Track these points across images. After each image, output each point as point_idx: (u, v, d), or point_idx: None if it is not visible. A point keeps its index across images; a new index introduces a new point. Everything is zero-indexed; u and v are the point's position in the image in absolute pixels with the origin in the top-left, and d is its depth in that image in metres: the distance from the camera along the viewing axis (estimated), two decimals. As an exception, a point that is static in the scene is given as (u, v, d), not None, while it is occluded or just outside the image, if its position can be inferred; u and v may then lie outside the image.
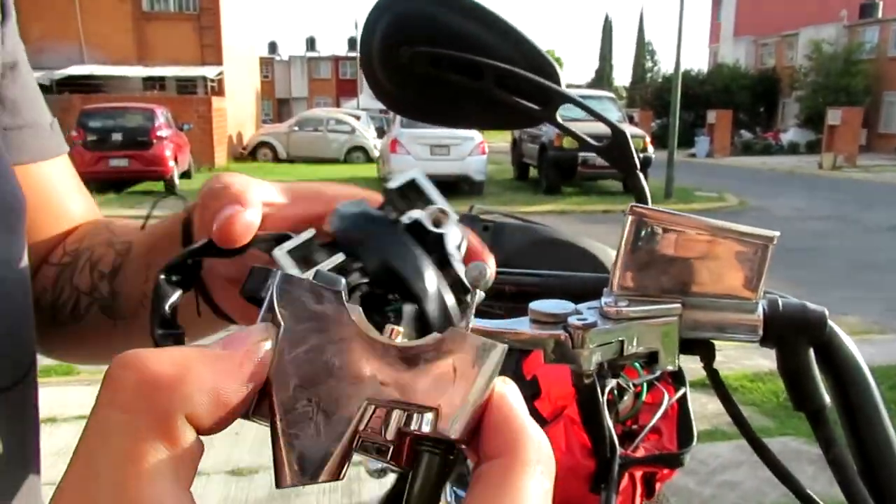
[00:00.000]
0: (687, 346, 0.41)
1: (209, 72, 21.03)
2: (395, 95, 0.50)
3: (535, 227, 1.41)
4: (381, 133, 21.10)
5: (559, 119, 0.48)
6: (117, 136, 13.59)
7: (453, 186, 13.51)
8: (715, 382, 0.43)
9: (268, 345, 0.23)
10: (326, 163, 20.79)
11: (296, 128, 22.50)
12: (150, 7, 21.58)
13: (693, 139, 28.06)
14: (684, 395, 1.19)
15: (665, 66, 61.61)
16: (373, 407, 0.22)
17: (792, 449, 3.18)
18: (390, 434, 0.22)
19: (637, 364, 1.06)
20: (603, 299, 0.39)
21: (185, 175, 15.59)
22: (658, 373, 1.16)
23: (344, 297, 0.24)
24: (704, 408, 3.04)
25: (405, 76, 0.48)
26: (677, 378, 1.20)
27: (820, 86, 30.90)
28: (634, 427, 1.19)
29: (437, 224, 0.30)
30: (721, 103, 30.77)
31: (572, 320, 0.37)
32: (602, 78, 64.95)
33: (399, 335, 0.24)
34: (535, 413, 1.18)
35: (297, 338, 0.23)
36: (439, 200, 0.31)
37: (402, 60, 0.47)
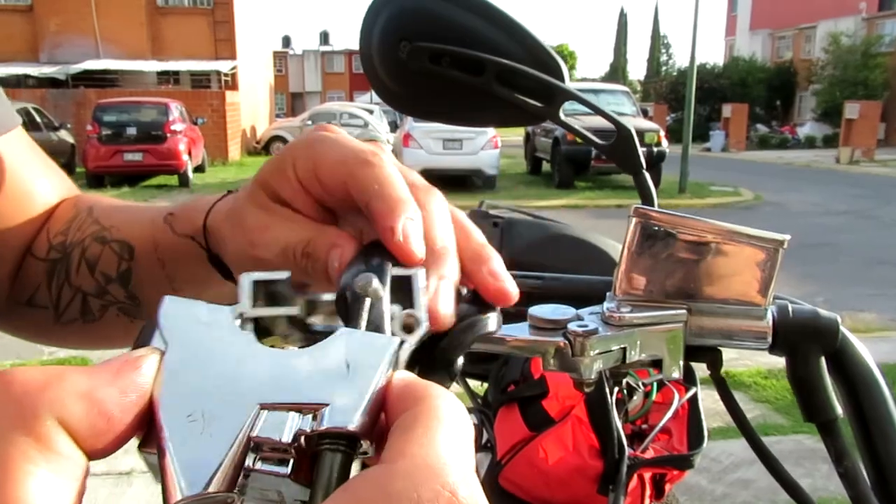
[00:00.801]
0: (693, 353, 0.39)
1: (223, 66, 21.09)
2: (395, 92, 0.49)
3: (546, 224, 1.40)
4: (393, 127, 21.10)
5: (563, 116, 0.46)
6: (131, 131, 13.66)
7: (465, 181, 13.50)
8: (722, 391, 0.42)
9: (151, 360, 0.22)
10: (339, 157, 20.76)
11: (309, 122, 22.52)
12: (165, 2, 21.66)
13: (708, 133, 27.81)
14: (695, 395, 1.17)
15: (680, 59, 61.27)
16: (265, 411, 0.21)
17: (806, 447, 3.15)
18: (287, 437, 0.21)
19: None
20: (605, 304, 0.38)
21: (199, 169, 15.67)
22: (668, 372, 1.14)
23: (234, 318, 0.24)
24: (717, 404, 3.01)
25: (405, 72, 0.47)
26: (688, 377, 1.19)
27: (837, 79, 30.52)
28: (644, 427, 1.18)
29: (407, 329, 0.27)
30: (737, 97, 30.49)
31: (572, 327, 0.36)
32: (617, 71, 64.55)
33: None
34: (542, 412, 1.17)
35: (185, 356, 0.22)
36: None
37: (401, 56, 0.46)
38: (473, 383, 1.43)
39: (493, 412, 1.27)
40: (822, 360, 0.39)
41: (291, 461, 0.21)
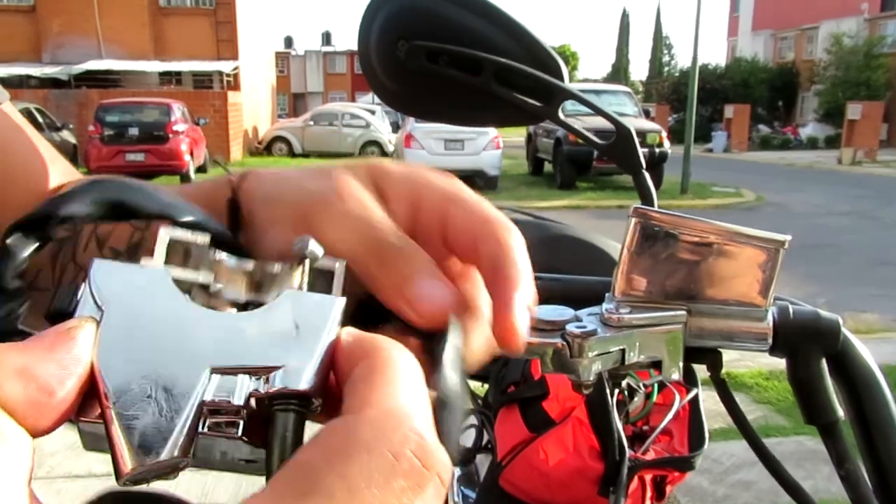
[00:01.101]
0: (693, 355, 0.39)
1: (225, 66, 21.11)
2: (393, 91, 0.49)
3: (546, 224, 1.39)
4: (395, 127, 21.11)
5: (562, 116, 0.46)
6: (134, 131, 13.70)
7: (468, 181, 13.41)
8: (722, 393, 0.42)
9: (86, 330, 0.21)
10: (341, 157, 20.84)
11: (311, 122, 22.55)
12: (167, 2, 21.68)
13: (710, 134, 27.79)
14: (696, 396, 1.17)
15: (682, 60, 61.31)
16: (217, 375, 0.21)
17: (808, 449, 3.14)
18: (239, 399, 0.21)
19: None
20: (604, 305, 0.37)
21: (201, 169, 15.68)
22: (669, 373, 1.14)
23: (170, 280, 0.23)
24: (718, 405, 3.00)
25: (403, 71, 0.46)
26: (689, 379, 1.18)
27: (840, 80, 30.48)
28: (645, 428, 1.17)
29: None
30: (739, 98, 30.47)
31: (571, 328, 0.35)
32: (619, 72, 64.53)
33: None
34: (543, 414, 1.17)
35: (124, 322, 0.21)
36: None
37: (399, 55, 0.46)
38: (474, 384, 1.43)
39: (494, 413, 1.26)
40: (823, 361, 0.38)
41: (242, 423, 0.21)
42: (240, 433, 0.21)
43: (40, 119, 14.44)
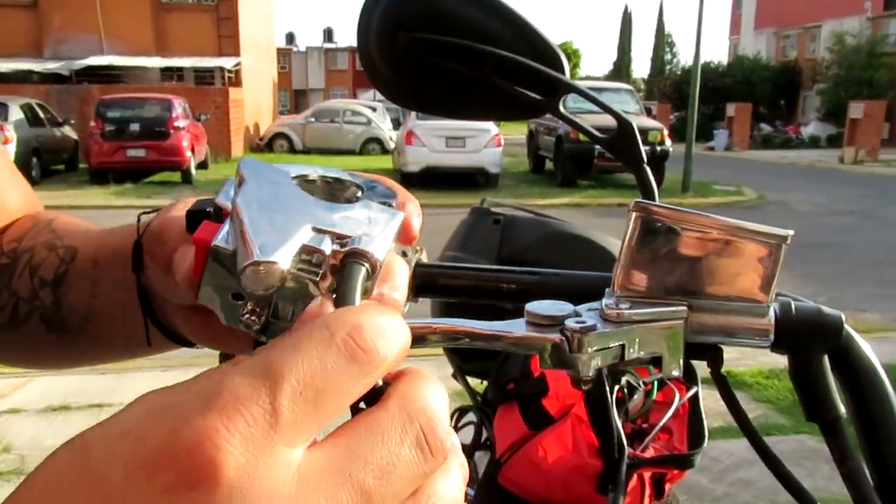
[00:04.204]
0: (693, 351, 0.39)
1: (227, 63, 21.08)
2: (392, 84, 0.48)
3: (546, 221, 1.39)
4: (396, 124, 21.09)
5: (563, 110, 0.45)
6: (135, 127, 13.67)
7: (468, 178, 13.49)
8: (723, 389, 0.41)
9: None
10: (342, 154, 20.82)
11: (312, 119, 22.54)
12: (169, -2, 21.66)
13: (712, 132, 27.75)
14: (696, 394, 1.16)
15: (684, 58, 61.26)
16: (314, 232, 0.29)
17: (808, 447, 3.14)
18: (327, 249, 0.28)
19: (648, 362, 1.03)
20: (604, 300, 0.37)
21: (202, 165, 15.68)
22: (670, 371, 1.13)
23: (290, 177, 0.32)
24: (718, 404, 2.99)
25: (402, 64, 0.46)
26: (689, 377, 1.18)
27: (842, 79, 30.43)
28: (644, 426, 1.17)
29: None
30: (741, 96, 30.41)
31: (570, 323, 0.35)
32: (620, 70, 64.42)
33: None
34: (542, 411, 1.16)
35: (257, 187, 0.31)
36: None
37: (398, 47, 0.45)
38: (473, 381, 1.43)
39: (493, 410, 1.26)
40: (825, 358, 0.38)
41: (321, 272, 0.28)
42: (318, 278, 0.28)
43: (42, 115, 14.43)
